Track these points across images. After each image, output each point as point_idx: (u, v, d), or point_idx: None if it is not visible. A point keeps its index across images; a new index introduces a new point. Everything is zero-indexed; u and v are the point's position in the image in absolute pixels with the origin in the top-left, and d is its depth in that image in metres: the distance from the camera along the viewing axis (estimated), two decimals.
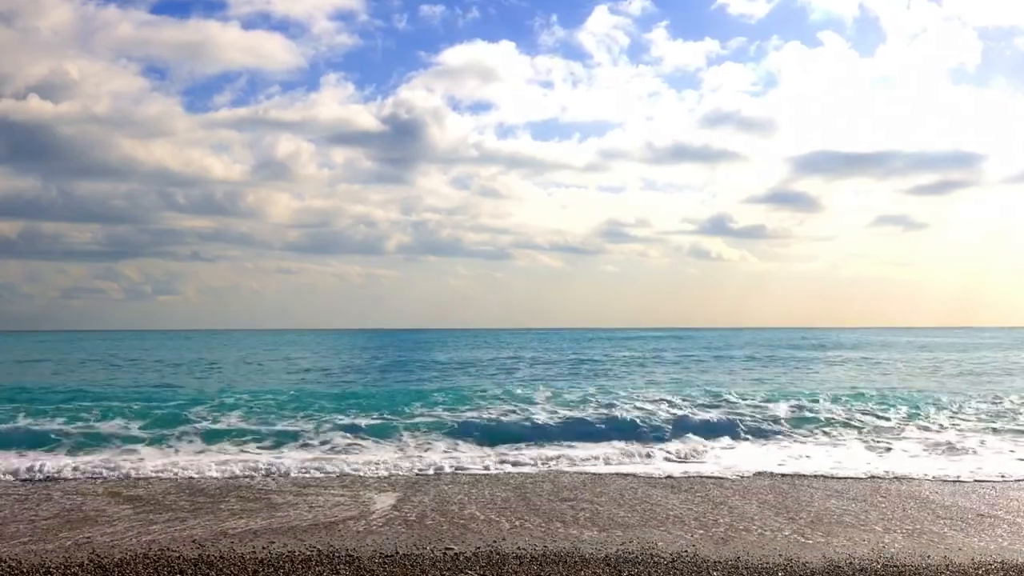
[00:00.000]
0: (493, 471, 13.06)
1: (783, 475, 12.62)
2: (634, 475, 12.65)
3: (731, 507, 10.27)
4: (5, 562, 7.63)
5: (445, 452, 14.95)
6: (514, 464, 13.56)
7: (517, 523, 9.41)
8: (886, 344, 70.98)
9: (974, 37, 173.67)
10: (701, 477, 12.49)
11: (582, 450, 14.88)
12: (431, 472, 12.91)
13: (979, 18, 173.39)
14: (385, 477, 12.55)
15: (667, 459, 14.24)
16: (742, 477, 12.42)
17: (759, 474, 12.67)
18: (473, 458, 14.08)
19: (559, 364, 40.25)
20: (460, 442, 15.76)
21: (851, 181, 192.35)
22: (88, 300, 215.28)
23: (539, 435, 16.35)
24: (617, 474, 12.78)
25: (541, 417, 17.82)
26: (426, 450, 15.11)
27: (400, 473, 12.85)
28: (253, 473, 12.76)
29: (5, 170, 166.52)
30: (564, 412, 18.45)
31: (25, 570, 7.41)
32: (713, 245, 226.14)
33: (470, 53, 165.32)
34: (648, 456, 14.44)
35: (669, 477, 12.48)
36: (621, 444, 15.51)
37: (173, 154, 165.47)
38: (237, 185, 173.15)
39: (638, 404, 19.63)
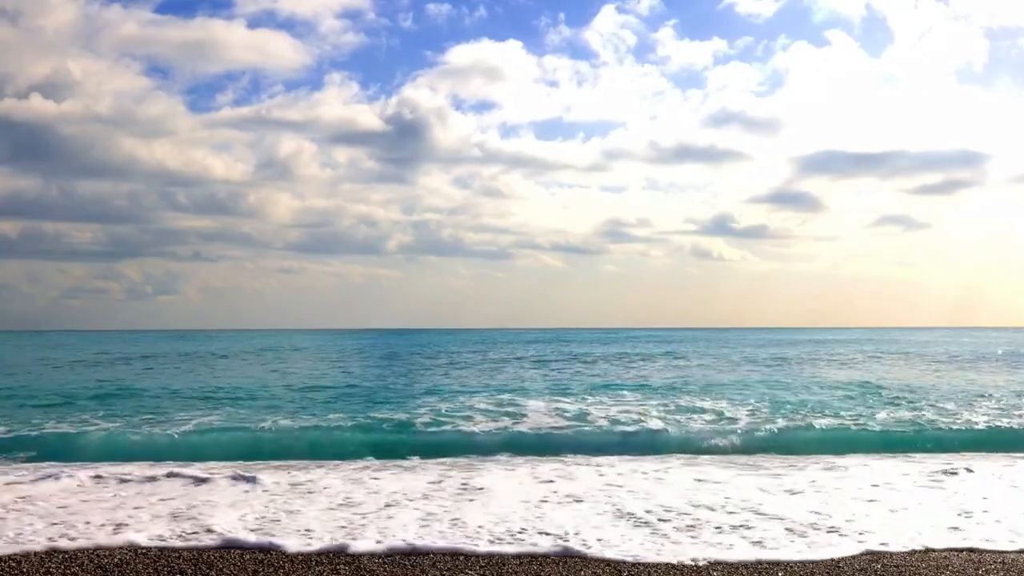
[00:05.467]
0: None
1: None
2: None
3: None
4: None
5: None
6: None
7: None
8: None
9: (981, 37, 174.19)
10: None
11: None
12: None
13: (986, 18, 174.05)
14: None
15: None
16: None
17: None
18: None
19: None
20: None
21: (855, 181, 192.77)
22: (89, 300, 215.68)
23: None
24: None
25: None
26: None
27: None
28: None
29: (6, 170, 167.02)
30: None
31: None
32: (714, 245, 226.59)
33: (476, 52, 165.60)
34: None
35: None
36: None
37: (175, 154, 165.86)
38: (239, 185, 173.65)
39: None
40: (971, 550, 8.12)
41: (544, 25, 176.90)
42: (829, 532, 8.76)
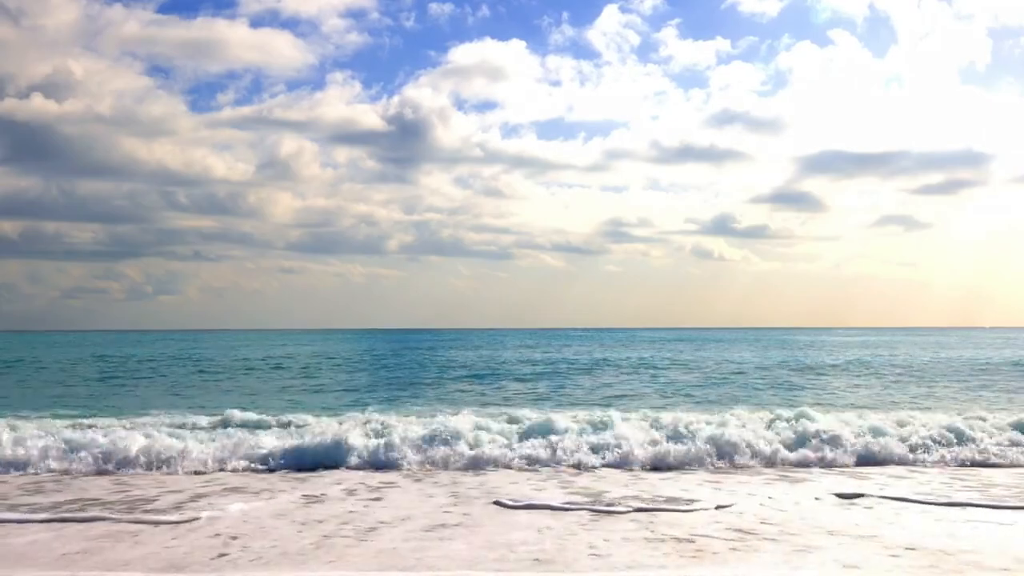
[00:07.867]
0: None
1: None
2: None
3: None
4: None
5: None
6: None
7: None
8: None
9: (984, 36, 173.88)
10: None
11: None
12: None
13: (989, 18, 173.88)
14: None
15: None
16: None
17: None
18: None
19: None
20: None
21: (857, 181, 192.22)
22: (89, 300, 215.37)
23: None
24: None
25: None
26: None
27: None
28: None
29: (7, 169, 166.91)
30: None
31: None
32: (716, 245, 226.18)
33: (479, 52, 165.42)
34: None
35: None
36: None
37: (176, 153, 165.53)
38: (240, 185, 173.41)
39: None
40: None
41: (547, 25, 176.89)
42: None
